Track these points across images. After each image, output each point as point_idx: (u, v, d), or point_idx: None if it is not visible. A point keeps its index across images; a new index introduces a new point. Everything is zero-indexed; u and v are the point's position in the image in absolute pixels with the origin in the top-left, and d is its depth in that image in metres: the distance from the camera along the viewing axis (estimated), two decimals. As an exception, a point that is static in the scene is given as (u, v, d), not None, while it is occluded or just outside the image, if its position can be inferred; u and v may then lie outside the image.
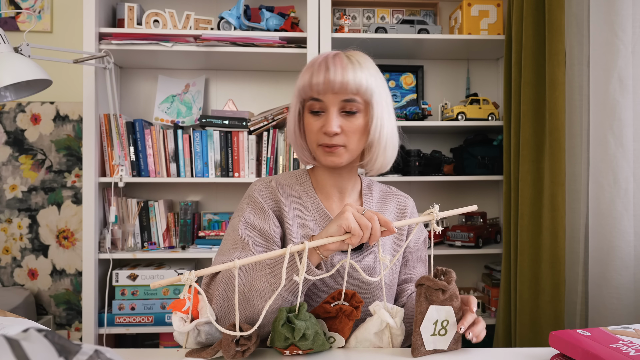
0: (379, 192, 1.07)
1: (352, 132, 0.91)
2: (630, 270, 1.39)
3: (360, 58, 0.93)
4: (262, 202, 0.95)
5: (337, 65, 0.89)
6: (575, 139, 1.59)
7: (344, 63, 0.90)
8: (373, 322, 0.82)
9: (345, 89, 0.89)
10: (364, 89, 0.90)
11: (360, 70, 0.90)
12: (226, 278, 0.82)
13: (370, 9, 2.25)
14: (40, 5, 2.19)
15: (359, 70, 0.90)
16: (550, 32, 1.60)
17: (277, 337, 0.75)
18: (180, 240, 2.02)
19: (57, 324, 2.18)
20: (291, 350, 0.77)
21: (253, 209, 0.95)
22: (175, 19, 1.96)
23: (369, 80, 0.90)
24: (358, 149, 0.94)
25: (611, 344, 0.68)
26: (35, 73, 1.40)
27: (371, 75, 0.92)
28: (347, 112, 0.91)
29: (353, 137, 0.92)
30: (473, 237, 2.03)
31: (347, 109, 0.91)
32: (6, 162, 2.16)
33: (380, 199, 1.05)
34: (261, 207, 0.95)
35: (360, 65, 0.91)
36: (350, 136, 0.92)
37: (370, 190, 1.05)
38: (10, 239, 2.17)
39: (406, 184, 2.27)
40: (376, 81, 0.92)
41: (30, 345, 0.40)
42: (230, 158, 1.98)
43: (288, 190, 0.99)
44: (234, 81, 2.22)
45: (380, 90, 0.93)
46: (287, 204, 0.97)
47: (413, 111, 2.03)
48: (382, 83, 0.95)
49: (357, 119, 0.92)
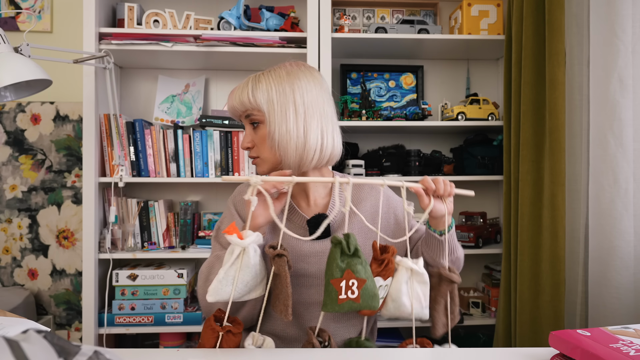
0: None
1: (259, 142, 1.02)
2: (630, 270, 1.39)
3: (271, 73, 1.02)
4: (232, 208, 1.09)
5: (237, 89, 1.02)
6: (575, 139, 1.59)
7: (243, 84, 1.02)
8: (400, 273, 0.87)
9: (241, 107, 1.02)
10: (257, 102, 0.99)
11: (252, 87, 1.00)
12: (206, 269, 0.98)
13: (370, 9, 2.25)
14: (40, 5, 2.19)
15: (255, 87, 1.00)
16: (550, 32, 1.60)
17: (333, 264, 0.79)
18: (180, 240, 2.03)
19: (57, 324, 2.18)
20: (347, 279, 0.78)
21: (226, 216, 1.09)
22: (175, 19, 1.96)
23: (263, 93, 0.99)
24: (272, 155, 1.01)
25: (611, 344, 0.68)
26: (35, 73, 1.40)
27: (268, 89, 0.99)
28: (253, 124, 1.02)
29: (262, 147, 1.02)
30: (473, 237, 2.03)
31: (252, 121, 1.02)
32: (6, 162, 2.16)
33: (354, 188, 1.11)
34: (231, 215, 1.08)
35: (256, 82, 1.00)
36: (259, 146, 1.02)
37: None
38: (10, 239, 2.17)
39: (406, 184, 2.27)
40: (277, 91, 0.99)
41: (30, 347, 0.40)
42: (230, 158, 1.98)
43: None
44: (234, 81, 2.22)
45: (281, 98, 0.99)
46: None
47: (413, 111, 2.03)
48: (286, 91, 0.99)
49: (260, 129, 1.02)
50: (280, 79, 1.00)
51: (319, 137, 0.99)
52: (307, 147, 0.98)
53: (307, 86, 1.00)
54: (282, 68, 1.02)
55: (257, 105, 0.99)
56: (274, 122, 0.98)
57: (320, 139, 1.00)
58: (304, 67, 1.04)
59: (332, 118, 1.03)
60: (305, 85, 1.00)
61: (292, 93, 0.99)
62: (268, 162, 1.02)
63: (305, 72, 1.02)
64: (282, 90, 0.99)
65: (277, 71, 1.02)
